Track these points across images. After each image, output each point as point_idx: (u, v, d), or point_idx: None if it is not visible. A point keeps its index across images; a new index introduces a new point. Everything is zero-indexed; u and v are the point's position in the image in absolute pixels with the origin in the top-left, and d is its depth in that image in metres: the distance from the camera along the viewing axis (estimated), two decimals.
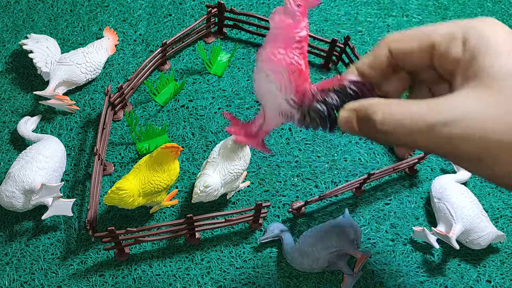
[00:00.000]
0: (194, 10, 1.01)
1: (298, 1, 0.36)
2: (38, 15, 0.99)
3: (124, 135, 0.86)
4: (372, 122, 0.32)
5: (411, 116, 0.30)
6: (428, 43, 0.33)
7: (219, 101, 0.90)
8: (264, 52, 0.37)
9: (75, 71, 0.86)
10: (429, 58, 0.34)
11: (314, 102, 0.38)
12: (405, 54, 0.35)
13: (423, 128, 0.29)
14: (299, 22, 0.36)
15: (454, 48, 0.31)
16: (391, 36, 0.36)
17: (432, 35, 0.33)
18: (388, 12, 1.04)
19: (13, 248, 0.75)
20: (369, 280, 0.74)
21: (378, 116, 0.31)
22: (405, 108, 0.31)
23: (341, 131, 0.37)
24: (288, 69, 0.36)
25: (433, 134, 0.29)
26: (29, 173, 0.72)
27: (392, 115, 0.31)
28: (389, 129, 0.31)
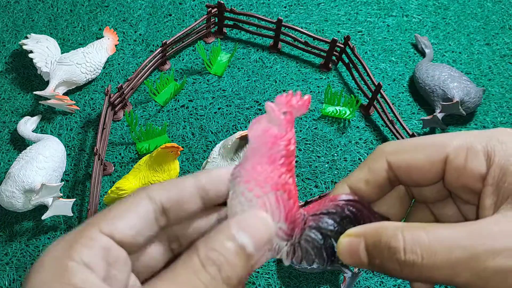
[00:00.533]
0: (194, 10, 1.01)
1: (284, 108, 0.29)
2: (38, 15, 0.99)
3: (124, 135, 0.86)
4: (392, 250, 0.25)
5: (446, 244, 0.24)
6: (439, 155, 0.28)
7: (219, 101, 0.90)
8: (244, 171, 0.29)
9: (75, 71, 0.86)
10: (440, 173, 0.29)
11: (306, 229, 0.31)
12: (410, 168, 0.29)
13: (463, 258, 0.24)
14: (286, 133, 0.29)
15: (475, 162, 0.27)
16: (386, 147, 0.30)
17: (444, 146, 0.28)
18: (388, 12, 1.04)
19: (13, 248, 0.75)
20: (369, 280, 0.74)
21: (399, 242, 0.25)
22: (435, 233, 0.24)
23: (341, 263, 0.30)
24: (276, 191, 0.29)
25: (476, 266, 0.23)
26: (29, 173, 0.72)
27: (419, 242, 0.24)
28: (416, 259, 0.24)
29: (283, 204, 0.29)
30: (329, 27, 1.01)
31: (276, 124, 0.29)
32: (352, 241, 0.28)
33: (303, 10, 1.03)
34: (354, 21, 1.02)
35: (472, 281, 0.24)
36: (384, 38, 1.00)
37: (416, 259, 0.24)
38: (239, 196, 0.28)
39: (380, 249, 0.26)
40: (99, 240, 0.25)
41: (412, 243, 0.25)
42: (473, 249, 0.23)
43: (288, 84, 0.93)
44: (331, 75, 0.95)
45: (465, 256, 0.24)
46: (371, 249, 0.27)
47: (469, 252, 0.23)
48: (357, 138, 0.87)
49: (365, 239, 0.27)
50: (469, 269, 0.23)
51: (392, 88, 0.94)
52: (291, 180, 0.29)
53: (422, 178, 0.29)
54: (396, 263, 0.25)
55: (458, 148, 0.28)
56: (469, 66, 0.97)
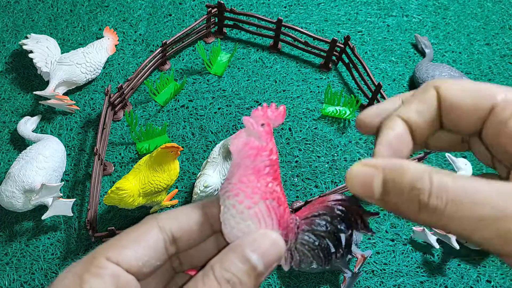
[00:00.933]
0: (194, 10, 1.01)
1: (261, 121, 0.30)
2: (38, 15, 0.99)
3: (124, 135, 0.86)
4: (416, 191, 0.24)
5: (474, 197, 0.23)
6: (486, 102, 0.26)
7: (219, 101, 0.90)
8: (231, 185, 0.30)
9: (75, 71, 0.86)
10: (481, 122, 0.27)
11: (300, 233, 0.32)
12: (453, 106, 0.27)
13: (489, 215, 0.23)
14: (266, 144, 0.30)
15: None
16: (436, 81, 0.29)
17: (494, 96, 0.26)
18: (388, 12, 1.04)
19: (13, 248, 0.75)
20: (369, 280, 0.74)
21: (425, 184, 0.23)
22: (465, 184, 0.23)
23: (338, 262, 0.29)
24: (265, 200, 0.29)
25: (502, 226, 0.22)
26: (29, 173, 0.72)
27: (447, 188, 0.23)
28: (440, 205, 0.23)
29: (274, 211, 0.30)
30: (329, 27, 1.01)
31: (256, 137, 0.30)
32: (368, 171, 0.26)
33: (303, 10, 1.03)
34: (354, 21, 1.02)
35: (491, 240, 0.23)
36: (384, 38, 1.00)
37: (440, 205, 0.23)
38: (231, 209, 0.29)
39: (400, 187, 0.24)
40: (108, 268, 0.26)
41: (439, 187, 0.23)
42: (501, 209, 0.22)
43: (288, 84, 0.93)
44: (331, 75, 0.95)
45: (492, 214, 0.22)
46: (389, 184, 0.25)
47: (497, 211, 0.22)
48: (357, 138, 0.87)
49: (385, 173, 0.25)
50: (493, 227, 0.22)
51: (392, 88, 0.93)
52: (278, 188, 0.30)
53: (462, 122, 0.27)
54: (416, 205, 0.24)
55: (508, 101, 0.26)
56: (469, 66, 0.97)
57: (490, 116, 0.26)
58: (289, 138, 0.86)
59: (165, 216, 0.29)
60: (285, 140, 0.86)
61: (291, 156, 0.84)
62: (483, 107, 0.26)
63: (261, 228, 0.29)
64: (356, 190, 0.26)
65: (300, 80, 0.93)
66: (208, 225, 0.29)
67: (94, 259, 0.26)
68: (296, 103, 0.90)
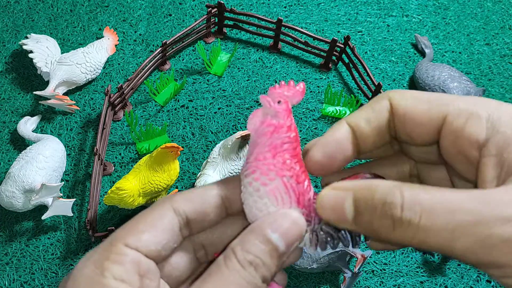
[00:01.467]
0: (194, 10, 1.01)
1: (278, 98, 0.30)
2: (38, 15, 0.99)
3: (124, 135, 0.86)
4: (388, 205, 0.23)
5: (448, 206, 0.22)
6: (439, 111, 0.26)
7: (219, 101, 0.90)
8: (248, 164, 0.29)
9: (75, 71, 0.86)
10: (436, 132, 0.26)
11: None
12: (407, 116, 0.27)
13: (466, 221, 0.21)
14: (284, 121, 0.29)
15: (475, 127, 0.24)
16: (391, 91, 0.28)
17: (447, 105, 0.26)
18: (388, 12, 1.04)
19: (13, 248, 0.75)
20: (369, 280, 0.74)
21: (397, 198, 0.23)
22: (437, 194, 0.22)
23: (318, 216, 0.28)
24: (282, 177, 0.28)
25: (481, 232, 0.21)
26: (29, 173, 0.72)
27: (420, 200, 0.22)
28: (414, 218, 0.22)
29: (292, 188, 0.29)
30: (329, 27, 1.01)
31: (272, 114, 0.29)
32: (338, 195, 0.25)
33: (303, 10, 1.03)
34: (354, 21, 1.02)
35: (472, 249, 0.21)
36: (384, 38, 1.00)
37: (414, 218, 0.22)
38: (248, 187, 0.29)
39: (372, 205, 0.24)
40: (128, 255, 0.25)
41: (411, 200, 0.22)
42: (479, 214, 0.21)
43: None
44: (331, 75, 0.95)
45: (470, 220, 0.21)
46: (360, 204, 0.24)
47: (474, 217, 0.21)
48: None
49: (355, 193, 0.25)
50: (471, 234, 0.21)
51: (392, 88, 0.93)
52: (298, 165, 0.29)
53: (416, 132, 0.27)
54: (390, 220, 0.23)
55: (460, 109, 0.25)
56: (469, 66, 0.97)
57: (445, 125, 0.26)
58: None
59: (179, 198, 0.28)
60: None
61: None
62: (436, 117, 0.26)
63: (278, 205, 0.28)
64: (328, 215, 0.26)
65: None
66: (223, 206, 0.29)
67: (112, 246, 0.25)
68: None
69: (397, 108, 0.27)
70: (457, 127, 0.25)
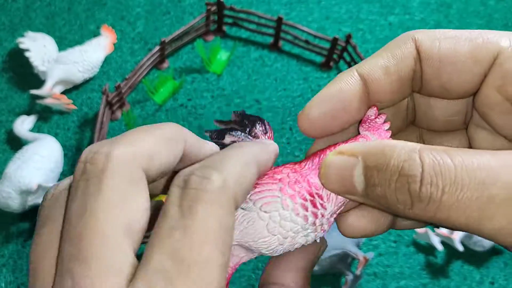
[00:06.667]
0: (193, 7, 1.00)
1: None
2: (35, 13, 0.97)
3: None
4: (405, 178, 0.18)
5: (479, 175, 0.17)
6: (487, 53, 0.20)
7: (219, 100, 0.88)
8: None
9: (72, 69, 0.85)
10: (480, 78, 0.21)
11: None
12: (445, 61, 0.21)
13: (502, 196, 0.17)
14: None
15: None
16: (417, 31, 0.23)
17: (497, 42, 0.21)
18: (390, 10, 1.03)
19: (9, 249, 0.74)
20: (371, 282, 0.73)
21: (416, 168, 0.18)
22: (464, 160, 0.18)
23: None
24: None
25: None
26: (26, 174, 0.71)
27: (442, 170, 0.18)
28: (435, 194, 0.18)
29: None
30: (330, 25, 0.99)
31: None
32: (345, 161, 0.20)
33: (304, 8, 1.02)
34: (356, 19, 1.01)
35: (505, 229, 0.17)
36: (386, 37, 0.99)
37: (435, 194, 0.18)
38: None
39: (386, 175, 0.19)
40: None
41: (433, 170, 0.18)
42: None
43: (288, 82, 0.91)
44: (333, 73, 0.93)
45: (504, 195, 0.17)
46: (372, 174, 0.19)
47: (510, 190, 0.17)
48: None
49: (365, 160, 0.20)
50: (506, 212, 0.17)
51: None
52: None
53: (456, 82, 0.21)
54: (407, 196, 0.18)
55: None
56: None
57: (493, 68, 0.21)
58: (290, 137, 0.85)
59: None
60: (286, 140, 0.85)
61: (291, 156, 0.83)
62: (484, 58, 0.21)
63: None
64: (334, 187, 0.21)
65: (301, 78, 0.92)
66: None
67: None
68: (296, 102, 0.89)
69: (429, 53, 0.21)
70: (509, 69, 0.20)
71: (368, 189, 0.20)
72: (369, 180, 0.20)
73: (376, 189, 0.19)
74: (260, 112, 0.88)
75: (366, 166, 0.20)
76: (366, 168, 0.20)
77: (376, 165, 0.19)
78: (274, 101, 0.89)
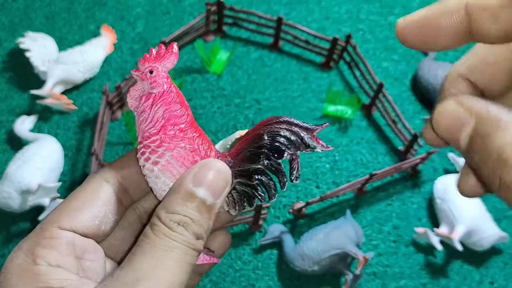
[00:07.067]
0: (193, 7, 1.00)
1: (148, 68, 0.28)
2: (35, 13, 0.97)
3: (122, 135, 0.85)
4: (501, 163, 0.18)
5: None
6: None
7: (219, 100, 0.88)
8: (138, 148, 0.28)
9: (73, 70, 0.85)
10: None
11: (235, 173, 0.28)
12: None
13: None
14: (163, 90, 0.28)
15: None
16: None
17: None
18: (390, 10, 1.03)
19: (10, 249, 0.74)
20: (371, 282, 0.73)
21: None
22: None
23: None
24: (172, 150, 0.27)
25: None
26: (26, 174, 0.71)
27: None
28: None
29: (187, 159, 0.27)
30: (330, 25, 0.99)
31: (148, 86, 0.28)
32: (460, 115, 0.20)
33: (304, 8, 1.02)
34: (356, 19, 1.01)
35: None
36: (386, 37, 0.99)
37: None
38: (144, 171, 0.27)
39: (486, 152, 0.18)
40: (62, 237, 0.24)
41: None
42: None
43: (288, 83, 0.91)
44: (332, 74, 0.93)
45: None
46: (477, 142, 0.19)
47: None
48: (359, 138, 0.86)
49: (477, 124, 0.19)
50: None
51: (394, 87, 0.92)
52: (190, 132, 0.28)
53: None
54: (497, 178, 0.18)
55: None
56: None
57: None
58: None
59: (108, 169, 0.27)
60: None
61: None
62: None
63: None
64: (441, 133, 0.21)
65: (301, 79, 0.92)
66: None
67: (43, 230, 0.24)
68: (296, 102, 0.89)
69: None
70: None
71: (470, 150, 0.20)
72: (473, 144, 0.19)
73: (475, 156, 0.19)
74: (260, 112, 0.88)
75: (476, 129, 0.19)
76: (475, 132, 0.19)
77: (482, 136, 0.19)
78: (274, 101, 0.89)
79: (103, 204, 0.26)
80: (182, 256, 0.23)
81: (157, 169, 0.27)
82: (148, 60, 0.29)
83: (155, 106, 0.28)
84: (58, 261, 0.23)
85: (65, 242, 0.24)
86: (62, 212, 0.25)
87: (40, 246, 0.23)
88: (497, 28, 0.19)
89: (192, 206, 0.24)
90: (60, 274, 0.23)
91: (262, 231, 0.77)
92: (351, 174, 0.82)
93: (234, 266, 0.74)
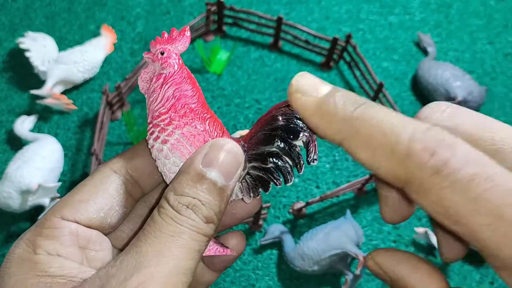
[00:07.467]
0: (193, 7, 1.00)
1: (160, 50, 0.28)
2: (35, 13, 0.97)
3: (122, 134, 0.85)
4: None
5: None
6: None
7: (219, 100, 0.88)
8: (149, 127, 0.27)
9: (73, 70, 0.85)
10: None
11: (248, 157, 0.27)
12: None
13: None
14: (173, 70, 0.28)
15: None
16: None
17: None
18: (390, 10, 1.03)
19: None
20: (370, 282, 0.73)
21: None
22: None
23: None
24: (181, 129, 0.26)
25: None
26: (26, 174, 0.71)
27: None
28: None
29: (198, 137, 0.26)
30: (330, 25, 0.99)
31: (158, 68, 0.28)
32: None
33: (304, 8, 1.02)
34: (356, 19, 1.01)
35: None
36: (386, 37, 0.99)
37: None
38: (152, 151, 0.26)
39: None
40: (64, 227, 0.23)
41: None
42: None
43: (288, 82, 0.91)
44: (333, 73, 0.93)
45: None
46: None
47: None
48: None
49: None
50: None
51: (394, 87, 0.92)
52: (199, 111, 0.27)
53: None
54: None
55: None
56: (472, 65, 0.96)
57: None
58: None
59: (118, 159, 0.26)
60: None
61: None
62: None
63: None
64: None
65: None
66: None
67: (46, 221, 0.24)
68: None
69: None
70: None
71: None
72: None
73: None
74: (260, 112, 0.88)
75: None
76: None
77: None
78: (274, 101, 0.89)
79: (110, 196, 0.25)
80: (189, 242, 0.22)
81: (167, 148, 0.26)
82: (160, 42, 0.29)
83: (166, 85, 0.27)
84: (58, 250, 0.23)
85: (67, 232, 0.23)
86: (66, 203, 0.24)
87: (41, 236, 0.23)
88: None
89: (202, 188, 0.23)
90: (60, 262, 0.22)
91: (262, 231, 0.77)
92: (351, 174, 0.82)
93: (234, 266, 0.74)
